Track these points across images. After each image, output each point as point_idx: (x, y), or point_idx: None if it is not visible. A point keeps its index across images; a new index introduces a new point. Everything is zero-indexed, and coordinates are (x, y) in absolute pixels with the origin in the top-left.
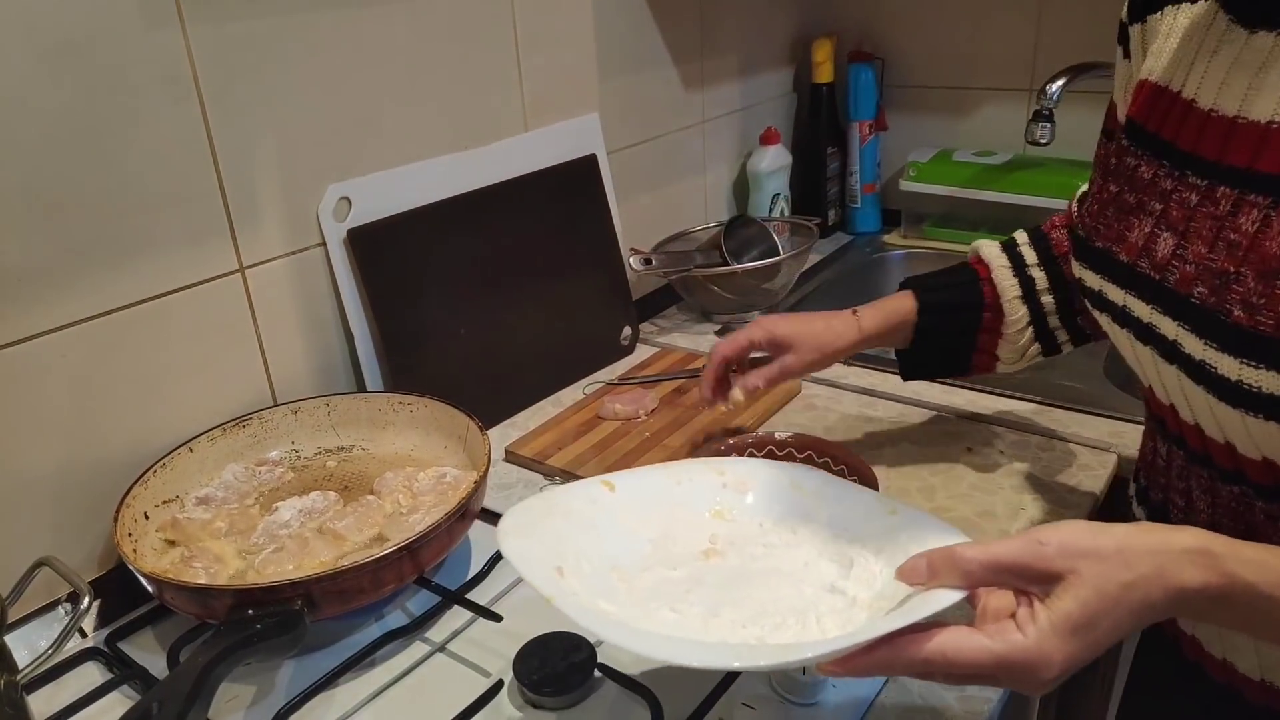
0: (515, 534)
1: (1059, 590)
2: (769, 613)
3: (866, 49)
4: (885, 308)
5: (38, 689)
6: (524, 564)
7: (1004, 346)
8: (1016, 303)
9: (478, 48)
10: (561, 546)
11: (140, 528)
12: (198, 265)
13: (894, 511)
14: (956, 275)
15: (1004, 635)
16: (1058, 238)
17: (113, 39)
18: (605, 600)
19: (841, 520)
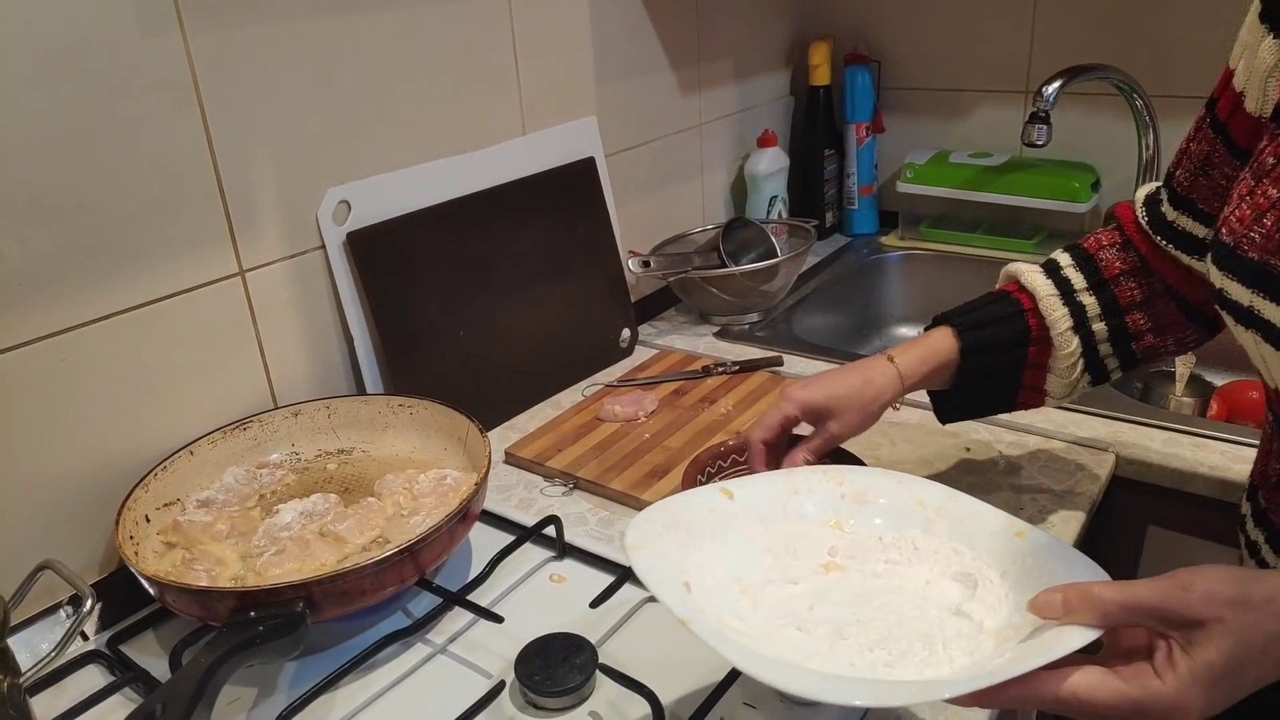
0: (641, 548)
1: (1201, 638)
2: (895, 636)
3: (863, 51)
4: (924, 350)
5: (40, 692)
6: (655, 583)
7: (1053, 381)
8: (1069, 335)
9: (476, 52)
10: (685, 560)
11: (141, 531)
12: (198, 269)
13: (1021, 534)
14: (999, 307)
15: (1141, 680)
16: (1107, 259)
17: (112, 45)
18: (732, 616)
19: (964, 537)
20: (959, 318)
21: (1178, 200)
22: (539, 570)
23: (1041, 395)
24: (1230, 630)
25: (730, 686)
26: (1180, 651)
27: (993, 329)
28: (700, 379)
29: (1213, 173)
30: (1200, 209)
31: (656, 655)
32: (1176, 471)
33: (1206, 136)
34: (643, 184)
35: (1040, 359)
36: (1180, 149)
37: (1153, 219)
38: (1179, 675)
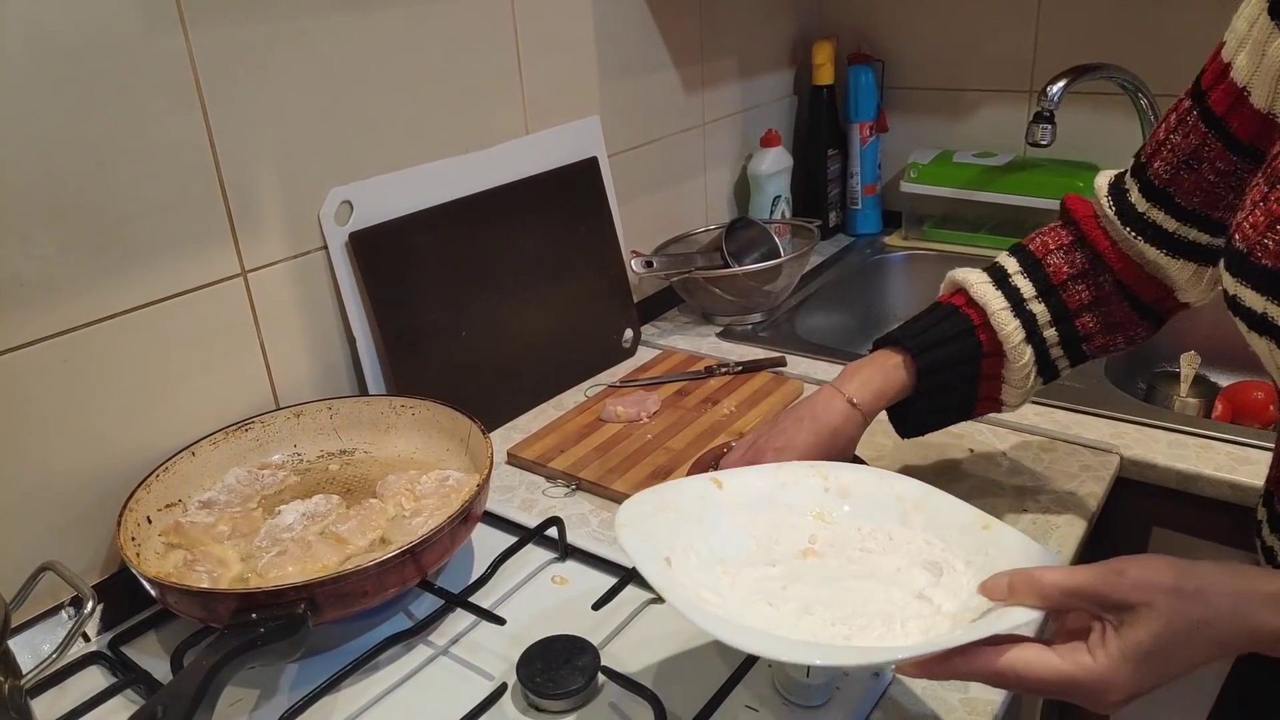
0: (629, 526)
1: (1132, 620)
2: (858, 614)
3: (866, 51)
4: (881, 382)
5: (41, 693)
6: (638, 555)
7: (1009, 391)
8: (1022, 347)
9: (478, 51)
10: (672, 539)
11: (143, 532)
12: (200, 269)
13: (988, 527)
14: (949, 325)
15: (1075, 657)
16: (1054, 264)
17: (114, 44)
18: (710, 592)
19: (937, 530)
20: (910, 340)
21: (1152, 192)
22: (541, 572)
23: (998, 404)
24: (1160, 614)
25: (733, 690)
26: (1113, 632)
27: (945, 349)
28: (703, 379)
29: (1200, 167)
30: (1178, 203)
31: (659, 658)
32: (1181, 473)
33: (1196, 130)
34: (646, 184)
35: (994, 370)
36: (1157, 140)
37: (1121, 209)
38: (1109, 654)
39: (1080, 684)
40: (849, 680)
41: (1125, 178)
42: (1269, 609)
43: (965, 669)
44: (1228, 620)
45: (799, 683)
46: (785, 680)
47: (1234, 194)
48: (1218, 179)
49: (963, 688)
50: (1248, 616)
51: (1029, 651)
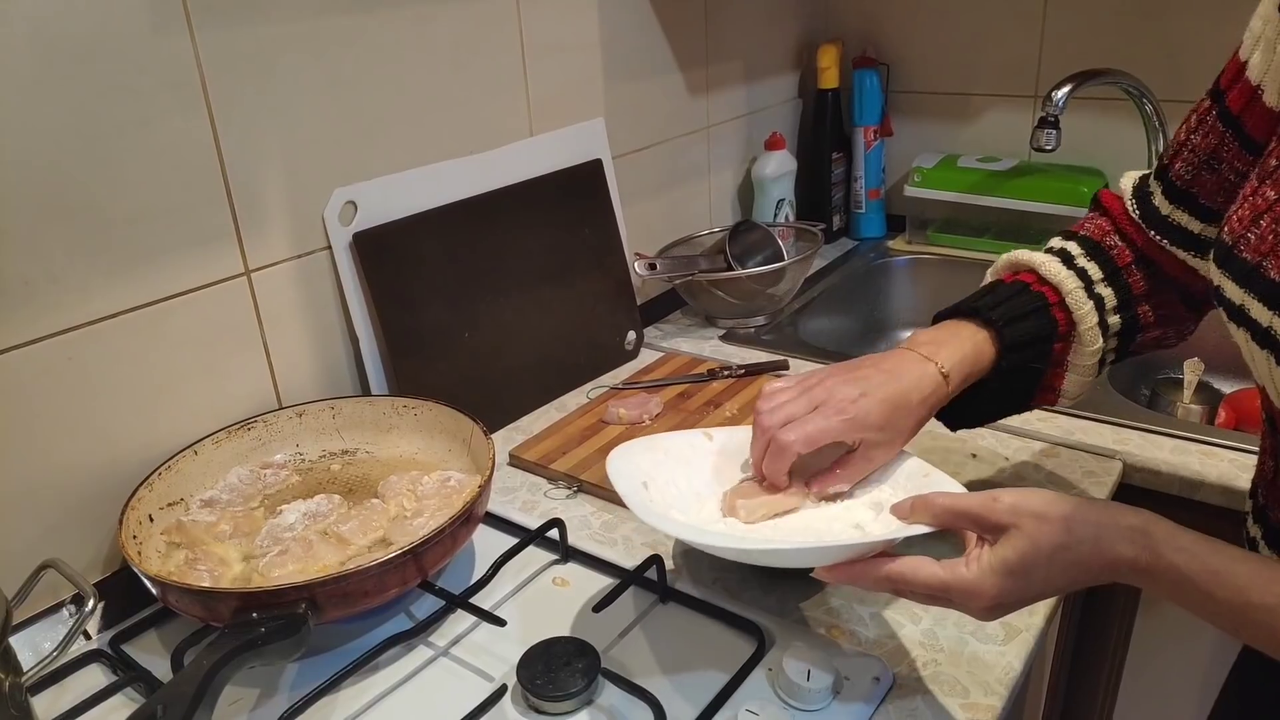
0: (618, 458)
1: (1003, 539)
2: (795, 531)
3: (871, 55)
4: (964, 349)
5: (42, 691)
6: (617, 477)
7: (1071, 379)
8: (1096, 330)
9: (484, 53)
10: (655, 471)
11: (145, 530)
12: (203, 269)
13: (927, 475)
14: (1024, 300)
15: (952, 568)
16: (1116, 248)
17: (120, 45)
18: (677, 512)
19: (888, 477)
20: (992, 312)
21: (1175, 194)
22: (542, 574)
23: (1056, 394)
24: (1026, 535)
25: (733, 693)
26: (988, 549)
27: (1025, 324)
28: (706, 382)
29: (1220, 167)
30: (1202, 204)
31: (660, 661)
32: (1184, 479)
33: (1215, 130)
34: (650, 186)
35: (1063, 355)
36: (1178, 141)
37: (1145, 213)
38: (980, 566)
39: (951, 589)
40: (849, 685)
41: (1150, 181)
42: (1124, 539)
43: (863, 574)
44: (1086, 546)
45: (799, 687)
46: (786, 684)
47: None
48: (1237, 179)
49: (964, 693)
50: (1104, 544)
51: (914, 561)
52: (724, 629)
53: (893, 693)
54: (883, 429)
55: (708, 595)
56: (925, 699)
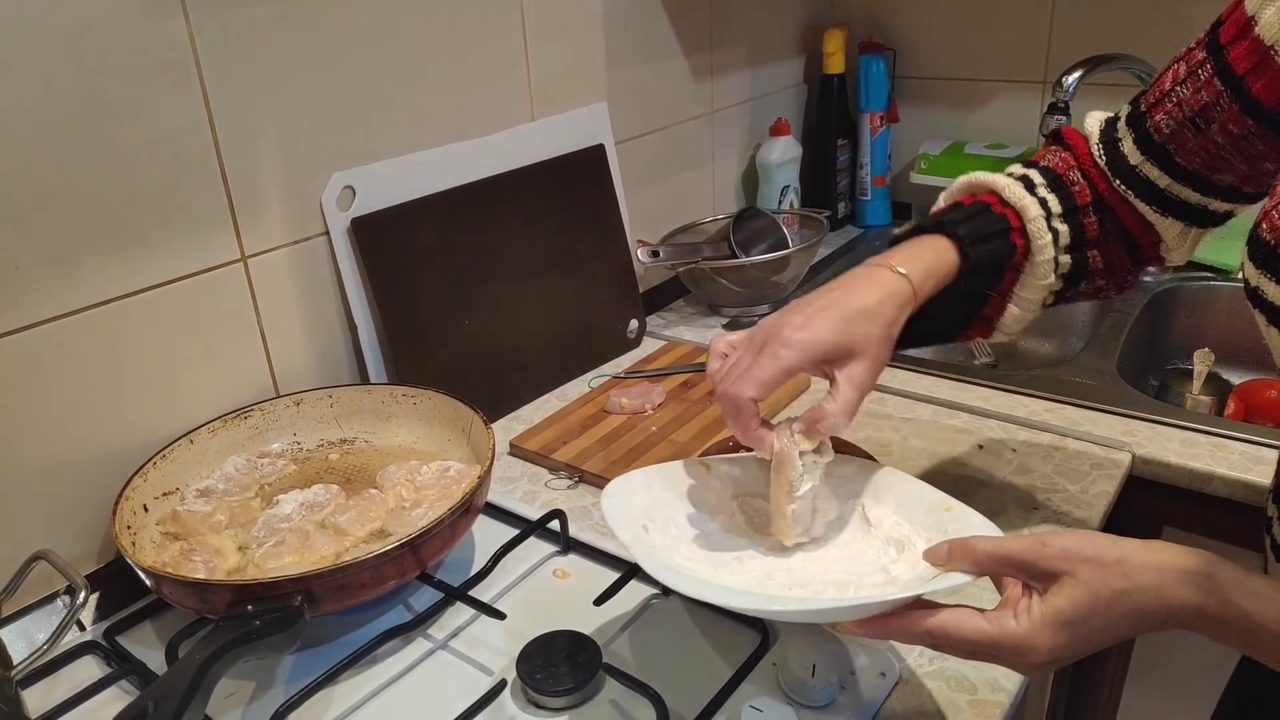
0: (614, 496)
1: (1055, 588)
2: (817, 582)
3: (878, 40)
4: (929, 262)
5: (36, 683)
6: (615, 520)
7: (1011, 311)
8: (1050, 264)
9: (485, 35)
10: (653, 510)
11: (139, 520)
12: (199, 254)
13: (950, 509)
14: (988, 220)
15: (1000, 621)
16: (1075, 183)
17: (113, 25)
18: (683, 558)
19: (907, 511)
20: (958, 227)
21: (1149, 146)
22: (543, 565)
23: (991, 327)
24: (1081, 583)
25: (736, 688)
26: (1038, 599)
27: (990, 245)
28: None
29: (1209, 128)
30: (1177, 161)
31: (662, 655)
32: (1193, 472)
33: (1209, 86)
34: (653, 172)
35: (1009, 286)
36: (1162, 90)
37: (1112, 160)
38: (1032, 618)
39: (1001, 645)
40: (855, 680)
41: (1119, 125)
42: (1185, 585)
43: (898, 628)
44: (1146, 592)
45: (804, 682)
46: (790, 680)
47: (1242, 159)
48: (1227, 141)
49: (971, 689)
50: (1165, 590)
51: (958, 615)
52: (727, 623)
53: (898, 688)
54: (845, 345)
55: None
56: (931, 695)
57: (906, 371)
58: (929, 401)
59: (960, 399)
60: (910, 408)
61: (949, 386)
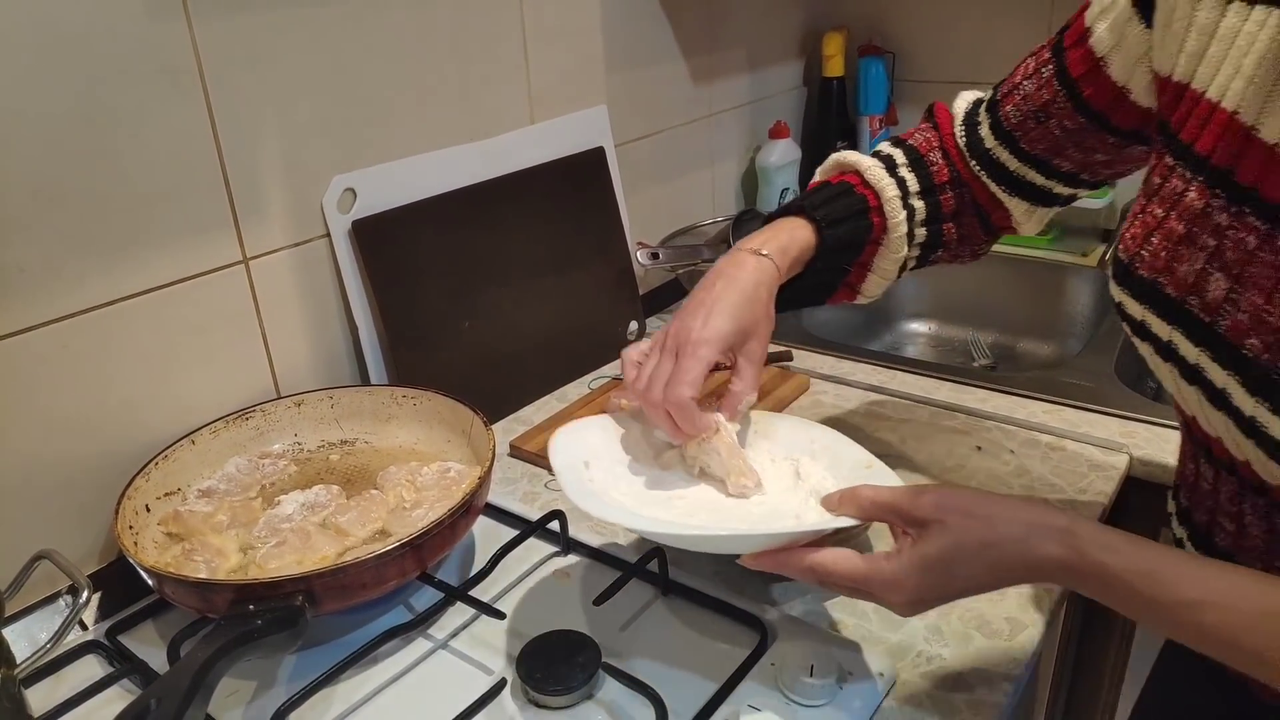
0: (563, 434)
1: (925, 534)
2: (733, 518)
3: (877, 43)
4: (786, 242)
5: (38, 682)
6: (555, 452)
7: (872, 280)
8: (903, 240)
9: (484, 39)
10: (604, 449)
11: (141, 520)
12: (201, 256)
13: (870, 466)
14: (849, 202)
15: (874, 561)
16: (936, 164)
17: (116, 29)
18: (617, 493)
19: (834, 468)
20: (817, 211)
21: (1000, 133)
22: (543, 566)
23: (856, 293)
24: (949, 531)
25: (735, 688)
26: (910, 544)
27: (846, 226)
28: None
29: (1049, 121)
30: (1022, 148)
31: (661, 655)
32: None
33: (1049, 85)
34: (652, 174)
35: (870, 257)
36: (1012, 81)
37: (970, 142)
38: (901, 561)
39: (872, 582)
40: (853, 680)
41: (980, 110)
42: (1052, 539)
43: (785, 561)
44: (1012, 545)
45: (802, 682)
46: (789, 679)
47: (1078, 149)
48: (1063, 135)
49: (967, 689)
50: (1031, 543)
51: (838, 553)
52: (726, 623)
53: (896, 688)
54: (741, 330)
55: (710, 589)
56: (929, 694)
57: (905, 374)
58: (927, 403)
59: (959, 401)
60: (909, 409)
61: (947, 388)
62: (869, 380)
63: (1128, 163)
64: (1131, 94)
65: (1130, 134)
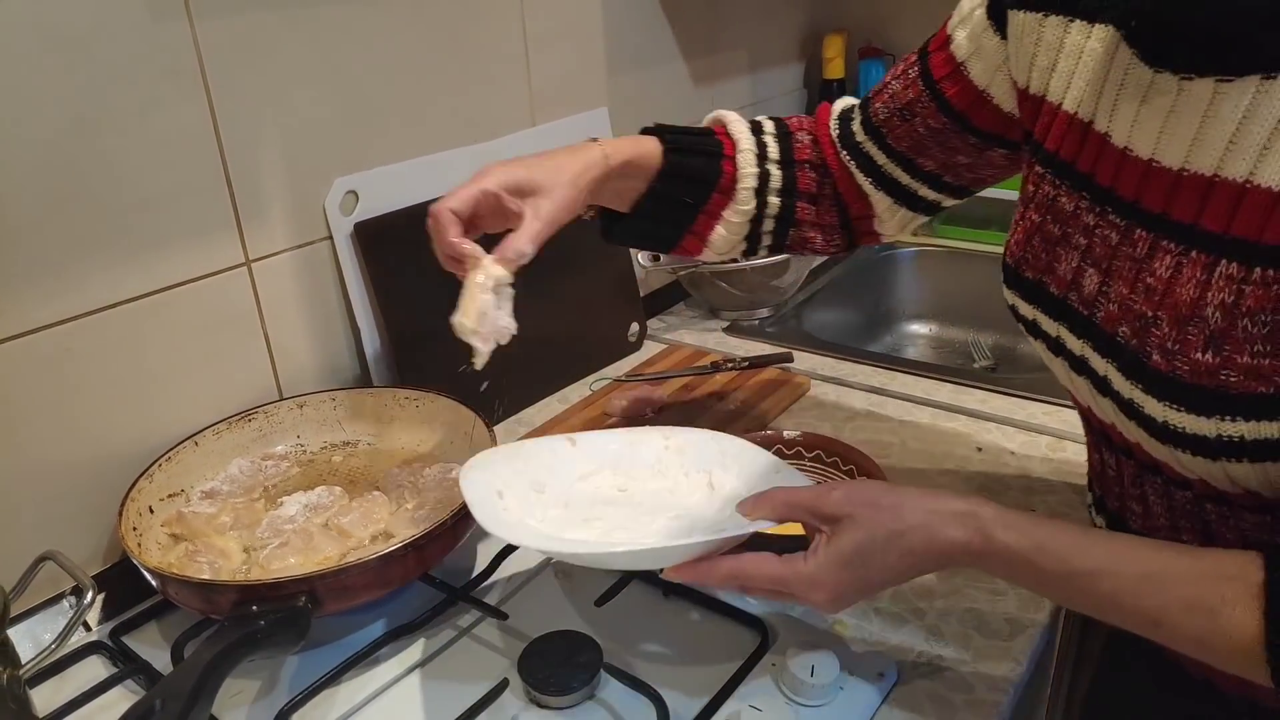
0: (473, 468)
1: (838, 529)
2: (651, 535)
3: (877, 45)
4: (632, 146)
5: (42, 682)
6: (468, 485)
7: (718, 233)
8: (750, 194)
9: (486, 41)
10: (513, 479)
11: (145, 522)
12: (203, 259)
13: (779, 471)
14: (707, 141)
15: (792, 561)
16: (801, 142)
17: (119, 32)
18: (536, 521)
19: (746, 477)
20: (671, 135)
21: (869, 128)
22: (544, 567)
23: (703, 244)
24: (859, 524)
25: (736, 688)
26: (824, 540)
27: (696, 160)
28: (709, 374)
29: (914, 120)
30: (889, 144)
31: (663, 656)
32: None
33: (914, 85)
34: None
35: (717, 208)
36: (883, 82)
37: (842, 134)
38: (818, 559)
39: (791, 583)
40: (853, 681)
41: (854, 108)
42: (955, 524)
43: (706, 571)
44: (918, 532)
45: (803, 682)
46: (790, 680)
47: (940, 149)
48: (927, 133)
49: (968, 689)
50: (935, 529)
51: (755, 557)
52: (727, 624)
53: (897, 688)
54: (533, 182)
55: (711, 590)
56: (930, 695)
57: (905, 375)
58: (928, 404)
59: (959, 402)
60: (909, 410)
61: (948, 390)
62: (869, 382)
63: (988, 168)
64: (994, 99)
65: (991, 136)
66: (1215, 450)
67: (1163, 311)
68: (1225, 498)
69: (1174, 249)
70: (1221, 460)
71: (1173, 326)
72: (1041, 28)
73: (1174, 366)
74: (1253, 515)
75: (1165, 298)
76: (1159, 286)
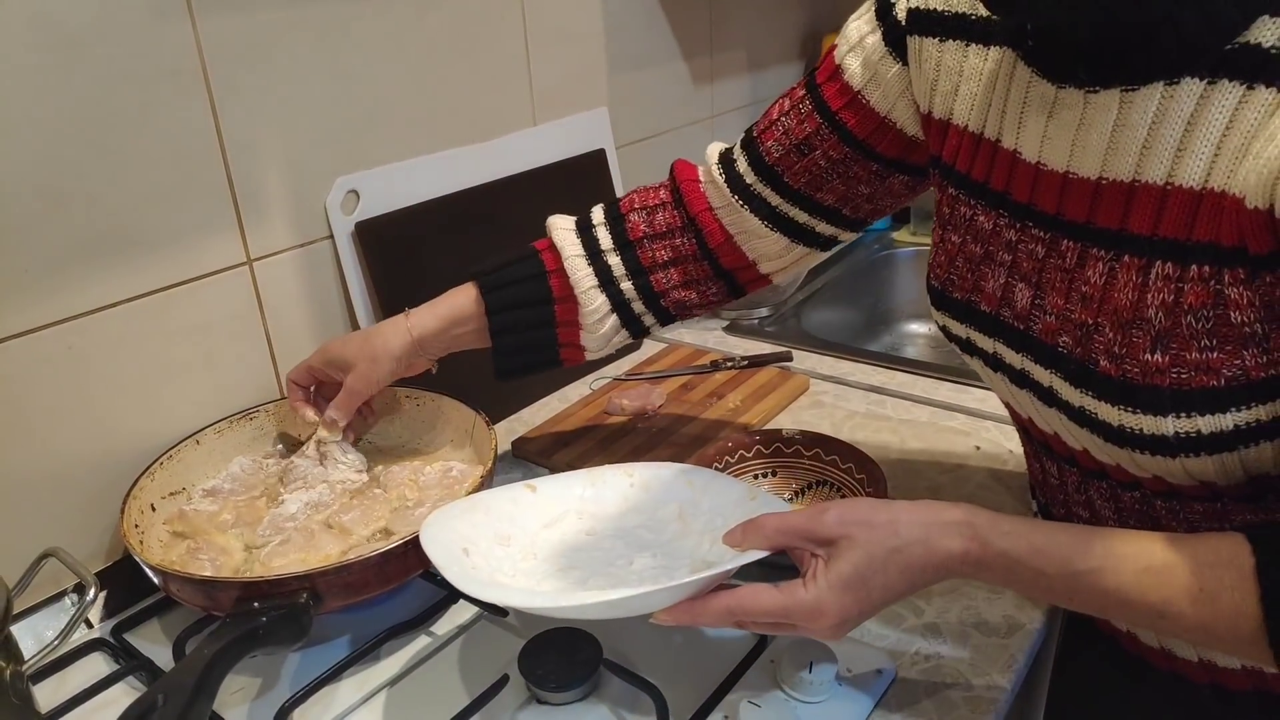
0: (432, 526)
1: (836, 553)
2: (628, 580)
3: None
4: (441, 307)
5: (44, 679)
6: (431, 546)
7: (586, 336)
8: (594, 292)
9: (487, 41)
10: (476, 535)
11: (147, 519)
12: (205, 258)
13: (754, 498)
14: (524, 266)
15: (791, 590)
16: (634, 221)
17: (121, 31)
18: (505, 576)
19: (718, 507)
20: (485, 276)
21: (761, 168)
22: None
23: (580, 351)
24: (857, 545)
25: (735, 684)
26: (822, 565)
27: (514, 289)
28: (709, 373)
29: (813, 154)
30: (785, 182)
31: (661, 652)
32: None
33: (810, 119)
34: (653, 176)
35: (570, 316)
36: (769, 118)
37: (730, 178)
38: (818, 584)
39: (793, 613)
40: (851, 677)
41: (734, 150)
42: (952, 534)
43: (701, 611)
44: (916, 546)
45: (801, 679)
46: (788, 676)
47: (841, 180)
48: (828, 165)
49: (966, 685)
50: (931, 542)
51: (753, 590)
52: None
53: (895, 685)
54: (345, 360)
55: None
56: (928, 691)
57: (905, 374)
58: (928, 404)
59: (959, 401)
60: (909, 410)
61: (948, 389)
62: (869, 381)
63: (888, 196)
64: (897, 124)
65: (893, 162)
66: (1174, 448)
67: (1103, 318)
68: (1175, 492)
69: (1104, 255)
70: (1180, 457)
71: (1116, 331)
72: (941, 53)
73: (1123, 370)
74: (1201, 505)
75: (1104, 304)
76: (1095, 294)
